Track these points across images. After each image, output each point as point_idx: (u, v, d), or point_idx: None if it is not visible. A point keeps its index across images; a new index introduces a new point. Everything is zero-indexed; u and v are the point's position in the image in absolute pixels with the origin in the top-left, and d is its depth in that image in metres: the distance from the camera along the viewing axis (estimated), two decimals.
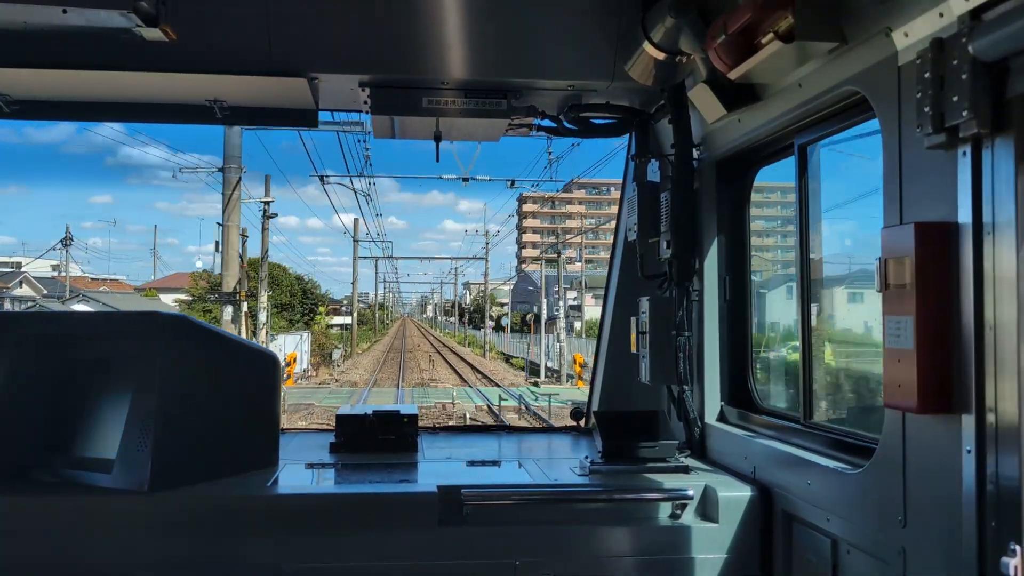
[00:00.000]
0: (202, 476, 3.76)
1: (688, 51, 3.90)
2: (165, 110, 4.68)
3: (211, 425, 3.93)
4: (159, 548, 3.52)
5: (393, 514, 3.62)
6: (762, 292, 5.21)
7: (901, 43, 2.67)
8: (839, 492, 3.15)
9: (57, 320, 4.64)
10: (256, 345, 4.40)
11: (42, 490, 3.67)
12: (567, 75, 4.40)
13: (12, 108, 4.54)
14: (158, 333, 3.94)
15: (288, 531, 3.55)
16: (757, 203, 4.52)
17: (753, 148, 4.12)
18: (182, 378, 3.86)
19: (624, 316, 5.09)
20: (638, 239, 4.78)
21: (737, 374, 4.45)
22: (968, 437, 2.41)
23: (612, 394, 5.30)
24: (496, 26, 4.23)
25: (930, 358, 2.52)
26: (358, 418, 4.66)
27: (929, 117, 2.44)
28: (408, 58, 4.26)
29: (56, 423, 3.93)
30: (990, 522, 2.35)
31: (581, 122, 4.89)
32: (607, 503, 3.85)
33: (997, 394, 2.34)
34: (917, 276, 2.55)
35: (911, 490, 2.71)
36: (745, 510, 3.72)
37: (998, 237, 2.33)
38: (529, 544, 3.65)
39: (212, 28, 4.08)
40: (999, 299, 2.34)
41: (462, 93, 4.53)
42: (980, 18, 2.31)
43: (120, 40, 3.82)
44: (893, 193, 2.76)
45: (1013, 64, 2.26)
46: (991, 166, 2.34)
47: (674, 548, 3.71)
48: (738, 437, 4.10)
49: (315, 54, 4.20)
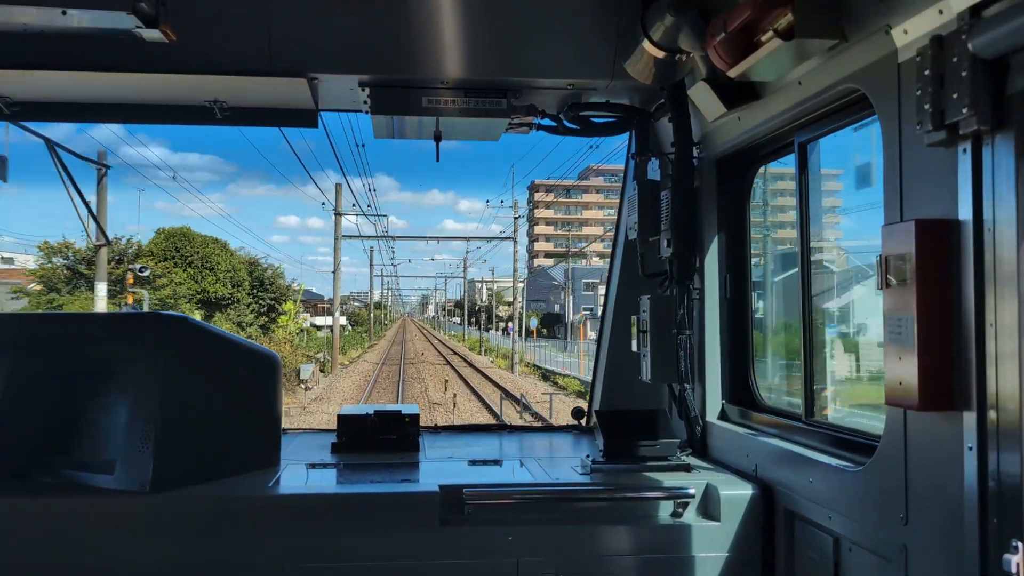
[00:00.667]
0: (204, 476, 3.76)
1: (688, 49, 3.90)
2: (165, 111, 4.68)
3: (212, 425, 3.93)
4: (161, 549, 3.53)
5: (395, 514, 3.62)
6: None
7: (901, 40, 2.67)
8: (841, 490, 3.15)
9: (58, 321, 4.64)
10: (257, 345, 4.40)
11: (43, 491, 3.67)
12: (567, 74, 4.40)
13: (12, 110, 4.54)
14: (159, 333, 3.95)
15: (290, 531, 3.55)
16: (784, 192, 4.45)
17: (753, 146, 4.12)
18: (183, 378, 3.86)
19: (625, 315, 5.09)
20: (639, 238, 4.78)
21: (738, 372, 4.45)
22: (969, 434, 2.41)
23: (613, 393, 5.30)
24: (495, 25, 4.23)
25: (931, 355, 2.52)
26: (359, 418, 4.66)
27: (929, 114, 2.44)
28: (407, 58, 4.26)
29: (57, 424, 3.93)
30: (992, 519, 2.35)
31: (581, 121, 4.89)
32: (609, 502, 3.85)
33: (998, 391, 2.34)
34: (918, 273, 2.55)
35: (913, 487, 2.71)
36: (747, 508, 3.72)
37: (999, 234, 2.33)
38: (531, 543, 3.65)
39: (212, 29, 4.08)
40: (1000, 296, 2.34)
41: (462, 92, 4.53)
42: (980, 15, 2.31)
43: (120, 41, 3.82)
44: (893, 190, 2.76)
45: (1013, 61, 2.26)
46: (991, 163, 2.34)
47: (676, 547, 3.71)
48: (739, 435, 4.10)
49: (314, 54, 4.20)
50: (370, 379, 40.44)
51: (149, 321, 4.09)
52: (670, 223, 4.48)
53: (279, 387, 4.29)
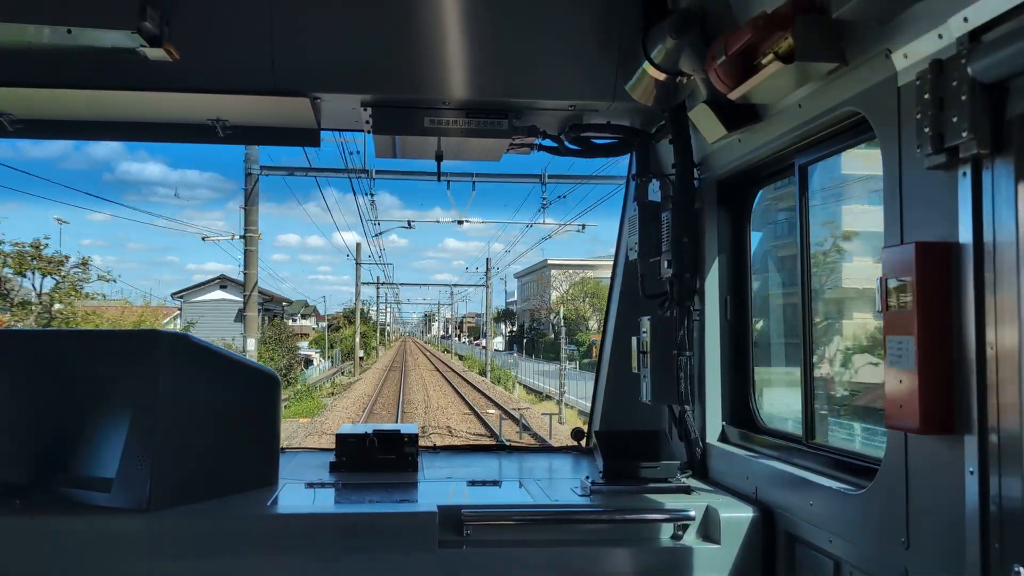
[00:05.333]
0: (201, 495, 3.74)
1: (688, 71, 3.92)
2: (168, 129, 4.70)
3: (211, 444, 3.91)
4: (158, 567, 3.50)
5: (393, 534, 3.60)
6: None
7: (900, 64, 2.69)
8: (841, 513, 3.13)
9: (57, 338, 4.63)
10: (256, 364, 4.39)
11: (40, 509, 3.65)
12: (568, 95, 4.42)
13: (16, 127, 4.56)
14: (158, 351, 3.94)
15: (288, 551, 3.52)
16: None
17: (753, 168, 4.14)
18: (182, 396, 3.85)
19: (625, 336, 5.08)
20: (639, 259, 4.79)
21: (738, 394, 4.43)
22: (971, 457, 2.40)
23: (613, 414, 5.28)
24: (497, 46, 4.26)
25: (932, 378, 2.52)
26: (358, 437, 4.64)
27: (929, 138, 2.46)
28: (409, 78, 4.29)
29: (55, 441, 3.91)
30: (993, 543, 2.33)
31: (582, 142, 4.91)
32: (608, 524, 3.82)
33: (999, 414, 2.33)
34: (918, 296, 2.55)
35: (914, 511, 2.70)
36: (747, 531, 3.70)
37: (999, 257, 2.34)
38: (530, 565, 3.62)
39: (215, 48, 4.11)
40: (1000, 319, 2.34)
41: (463, 113, 4.55)
42: (979, 40, 2.32)
43: (124, 60, 3.85)
44: (894, 213, 2.76)
45: (1012, 85, 2.27)
46: (991, 186, 2.35)
47: (676, 569, 3.69)
48: (740, 457, 4.09)
49: (317, 74, 4.22)
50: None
51: (148, 338, 4.08)
52: (670, 244, 4.49)
53: (278, 406, 4.27)
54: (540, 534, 3.75)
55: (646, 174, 4.89)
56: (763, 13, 3.09)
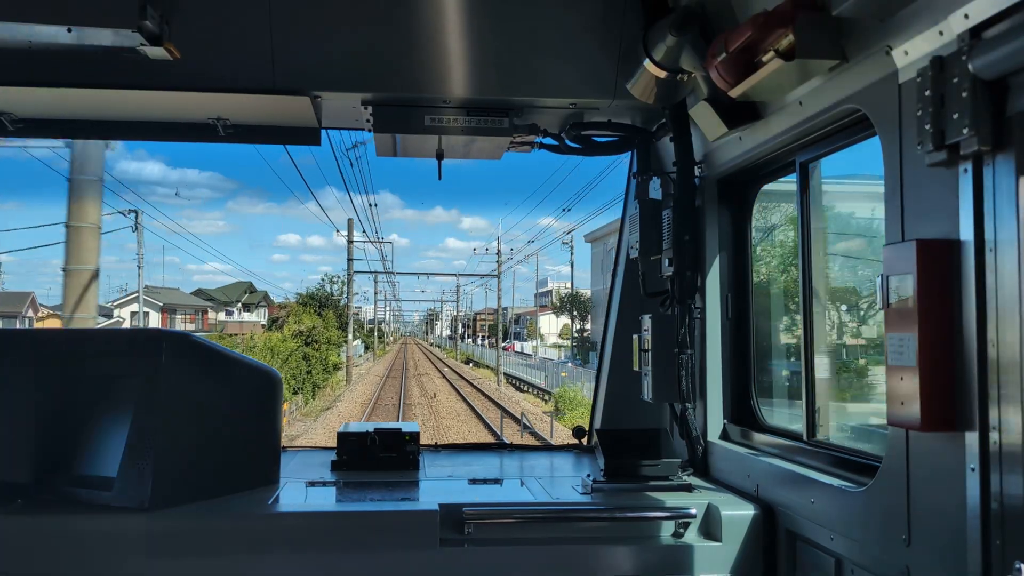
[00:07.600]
0: (203, 494, 3.75)
1: (689, 69, 3.92)
2: (168, 128, 4.70)
3: (212, 443, 3.92)
4: (159, 566, 3.51)
5: (394, 532, 3.60)
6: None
7: (901, 61, 2.68)
8: (843, 510, 3.13)
9: (59, 336, 4.64)
10: (258, 363, 4.40)
11: (42, 508, 3.66)
12: (569, 93, 4.42)
13: (16, 126, 4.56)
14: (159, 350, 3.95)
15: (289, 549, 3.53)
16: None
17: (754, 166, 4.13)
18: (183, 395, 3.85)
19: (626, 334, 5.08)
20: (640, 257, 4.78)
21: (740, 392, 4.43)
22: (972, 455, 2.40)
23: (614, 412, 5.29)
24: (498, 44, 4.26)
25: (933, 375, 2.52)
26: (359, 436, 4.64)
27: (930, 135, 2.45)
28: (410, 77, 4.29)
29: (56, 440, 3.92)
30: (995, 541, 2.33)
31: (583, 140, 4.91)
32: (610, 521, 3.83)
33: (1001, 411, 2.33)
34: (919, 293, 2.54)
35: (915, 508, 2.69)
36: (748, 529, 3.70)
37: (1000, 254, 2.33)
38: (531, 563, 3.63)
39: (215, 47, 4.11)
40: (1002, 316, 2.34)
41: (464, 111, 4.55)
42: (980, 36, 2.32)
43: (124, 59, 3.86)
44: (895, 210, 2.76)
45: (1013, 82, 2.27)
46: (992, 183, 2.35)
47: (677, 567, 3.69)
48: (741, 455, 4.09)
49: (318, 73, 4.22)
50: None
51: (150, 337, 4.09)
52: (671, 242, 4.49)
53: (279, 404, 4.28)
54: (542, 532, 3.75)
55: (647, 172, 4.89)
56: (764, 10, 3.09)
